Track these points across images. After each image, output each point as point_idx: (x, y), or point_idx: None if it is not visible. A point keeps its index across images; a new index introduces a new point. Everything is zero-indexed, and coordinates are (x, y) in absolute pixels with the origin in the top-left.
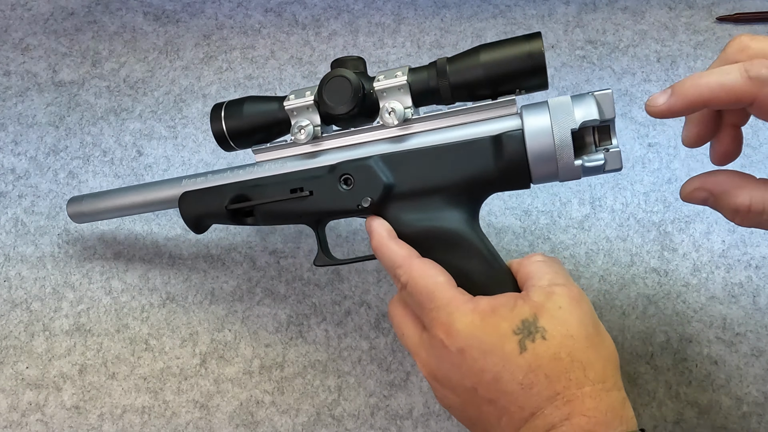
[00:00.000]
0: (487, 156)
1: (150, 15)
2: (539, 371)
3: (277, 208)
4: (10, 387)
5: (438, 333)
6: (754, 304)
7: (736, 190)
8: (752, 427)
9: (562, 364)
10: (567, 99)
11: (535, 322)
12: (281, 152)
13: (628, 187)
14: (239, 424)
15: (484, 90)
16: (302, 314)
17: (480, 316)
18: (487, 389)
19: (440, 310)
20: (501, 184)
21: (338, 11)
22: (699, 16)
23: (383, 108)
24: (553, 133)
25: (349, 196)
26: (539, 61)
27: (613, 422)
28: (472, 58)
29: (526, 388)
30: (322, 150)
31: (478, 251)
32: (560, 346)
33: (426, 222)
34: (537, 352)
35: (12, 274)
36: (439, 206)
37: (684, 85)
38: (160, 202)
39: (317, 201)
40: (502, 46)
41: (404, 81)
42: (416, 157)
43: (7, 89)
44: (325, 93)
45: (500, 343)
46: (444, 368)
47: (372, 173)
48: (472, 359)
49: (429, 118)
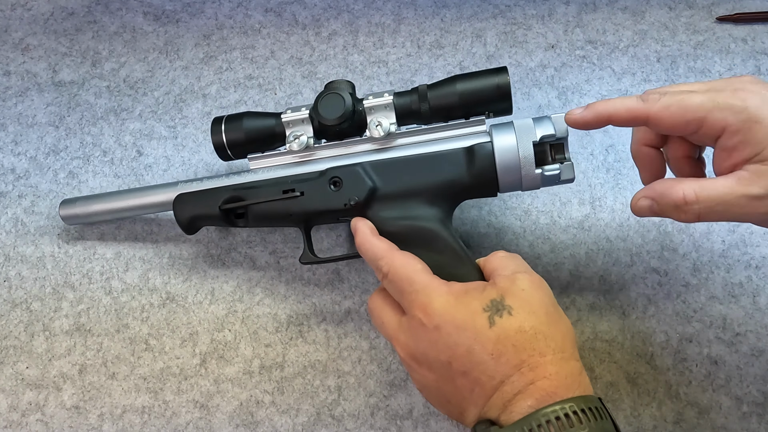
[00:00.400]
0: (461, 164)
1: (150, 15)
2: (507, 342)
3: (269, 208)
4: (10, 387)
5: (417, 313)
6: (754, 304)
7: (671, 189)
8: (752, 427)
9: (527, 335)
10: (529, 120)
11: (502, 301)
12: (275, 160)
13: (628, 187)
14: (239, 424)
15: (458, 112)
16: (302, 314)
17: (454, 296)
18: (461, 362)
19: (418, 293)
20: (472, 190)
21: (338, 11)
22: (699, 16)
23: (371, 122)
24: (518, 147)
25: (337, 196)
26: (505, 91)
27: (572, 386)
28: (450, 86)
29: (495, 357)
30: (314, 159)
31: (451, 247)
32: (524, 321)
33: (405, 221)
34: (504, 325)
35: (12, 274)
36: (418, 207)
37: (596, 103)
38: (155, 205)
39: (308, 201)
40: (475, 78)
41: (390, 100)
42: (398, 164)
43: (7, 89)
44: (320, 107)
45: (472, 318)
46: (422, 346)
47: (359, 176)
48: (447, 334)
49: (410, 133)
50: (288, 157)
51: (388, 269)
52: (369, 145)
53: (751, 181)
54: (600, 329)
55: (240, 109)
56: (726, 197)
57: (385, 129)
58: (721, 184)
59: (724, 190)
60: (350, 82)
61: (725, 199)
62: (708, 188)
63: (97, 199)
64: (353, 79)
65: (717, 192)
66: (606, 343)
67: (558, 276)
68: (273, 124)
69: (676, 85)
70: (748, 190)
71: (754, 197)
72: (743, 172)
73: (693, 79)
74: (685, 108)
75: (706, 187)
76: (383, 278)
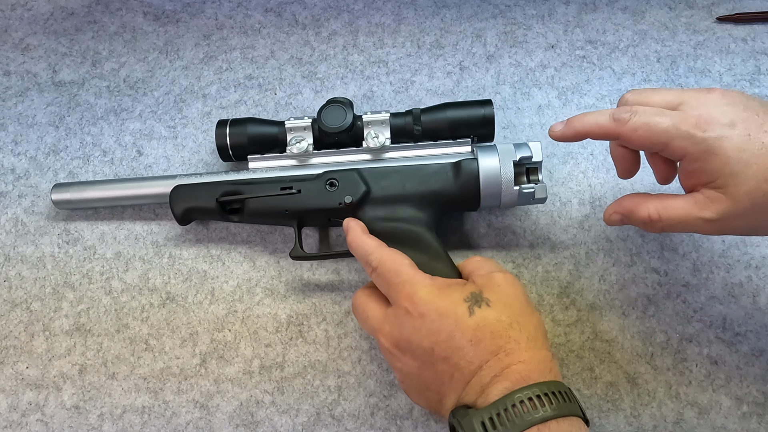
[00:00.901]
0: (448, 176)
1: (150, 15)
2: (485, 329)
3: (266, 204)
4: (10, 387)
5: (403, 302)
6: (754, 304)
7: (637, 207)
8: (752, 427)
9: (503, 324)
10: (510, 145)
11: (481, 294)
12: (275, 162)
13: (628, 188)
14: (239, 424)
15: (446, 135)
16: (302, 314)
17: (437, 288)
18: (442, 347)
19: (405, 284)
20: (456, 201)
21: (338, 11)
22: (699, 16)
23: (368, 133)
24: (500, 165)
25: (333, 195)
26: (490, 121)
27: (544, 371)
28: (441, 112)
29: (474, 343)
30: (311, 164)
31: (434, 249)
32: (501, 311)
33: (394, 223)
34: (483, 315)
35: (12, 274)
36: (406, 211)
37: (574, 119)
38: (151, 195)
39: (304, 198)
40: (464, 107)
41: (386, 118)
42: (391, 172)
43: (7, 89)
44: (323, 116)
45: (453, 307)
46: (405, 333)
47: (354, 179)
48: (431, 321)
49: (403, 148)
50: (287, 160)
51: (377, 263)
52: (364, 155)
53: (705, 205)
54: (600, 329)
55: (240, 109)
56: (684, 218)
57: (381, 140)
58: (680, 206)
59: (683, 212)
60: (349, 100)
61: (683, 219)
62: (669, 208)
63: (93, 186)
64: (353, 79)
65: (677, 213)
66: (606, 343)
67: (558, 276)
68: (276, 131)
69: (652, 94)
70: (703, 213)
71: (708, 220)
72: (700, 195)
73: (693, 79)
74: (650, 132)
75: (668, 207)
76: (372, 272)
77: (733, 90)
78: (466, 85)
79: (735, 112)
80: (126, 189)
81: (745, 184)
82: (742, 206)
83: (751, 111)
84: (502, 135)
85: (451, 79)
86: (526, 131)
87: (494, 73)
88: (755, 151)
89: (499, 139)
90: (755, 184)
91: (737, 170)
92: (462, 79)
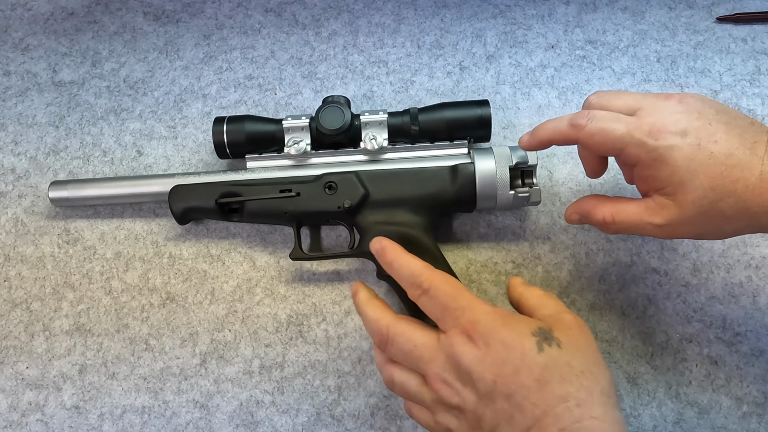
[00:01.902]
0: (445, 180)
1: (150, 15)
2: (554, 371)
3: (265, 205)
4: (10, 387)
5: (465, 328)
6: (754, 304)
7: (594, 209)
8: (752, 427)
9: (575, 370)
10: (506, 148)
11: (551, 332)
12: (273, 162)
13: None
14: (239, 424)
15: (443, 135)
16: (302, 314)
17: (500, 316)
18: (506, 382)
19: (465, 309)
20: (452, 204)
21: (338, 11)
22: (699, 16)
23: (366, 135)
24: (496, 169)
25: (332, 199)
26: (486, 122)
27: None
28: (439, 112)
29: (541, 384)
30: (309, 164)
31: (432, 253)
32: (573, 357)
33: (391, 226)
34: (552, 355)
35: (12, 274)
36: (403, 215)
37: (538, 128)
38: (150, 194)
39: (303, 201)
40: (461, 107)
41: (384, 118)
42: (389, 175)
43: (7, 89)
44: (321, 116)
45: (520, 339)
46: (466, 362)
47: (353, 183)
48: (496, 351)
49: (400, 149)
50: (285, 160)
51: (429, 285)
52: (362, 156)
53: (655, 211)
54: (600, 329)
55: (240, 109)
56: (636, 223)
57: (379, 143)
58: (633, 211)
59: (635, 217)
60: (346, 97)
61: (635, 224)
62: (623, 212)
63: (90, 184)
64: (353, 79)
65: (629, 217)
66: (606, 343)
67: (558, 276)
68: (273, 129)
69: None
70: (652, 219)
71: (657, 225)
72: (651, 201)
73: (693, 79)
74: (606, 138)
75: (621, 211)
76: (421, 294)
77: (694, 95)
78: (466, 85)
79: (688, 121)
80: (123, 187)
81: (692, 193)
82: (689, 214)
83: (704, 120)
84: (502, 135)
85: (451, 79)
86: (526, 131)
87: (494, 73)
88: (703, 160)
89: (499, 139)
90: (701, 193)
91: (685, 179)
92: (462, 79)
